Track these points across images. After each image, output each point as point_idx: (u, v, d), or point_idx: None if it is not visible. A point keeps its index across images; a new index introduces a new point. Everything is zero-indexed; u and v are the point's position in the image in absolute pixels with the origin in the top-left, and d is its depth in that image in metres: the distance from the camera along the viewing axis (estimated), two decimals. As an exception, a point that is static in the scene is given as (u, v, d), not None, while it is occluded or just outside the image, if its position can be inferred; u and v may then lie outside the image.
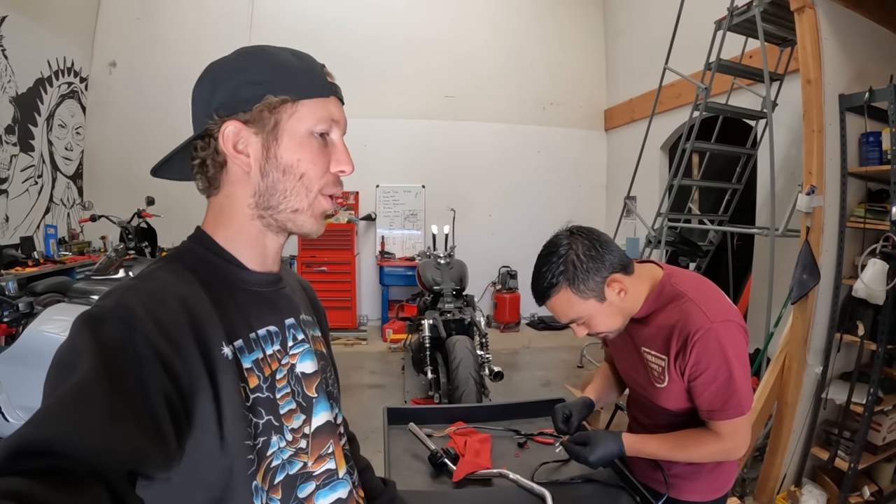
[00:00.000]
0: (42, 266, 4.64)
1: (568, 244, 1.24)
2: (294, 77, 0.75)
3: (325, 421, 0.82)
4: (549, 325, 6.95)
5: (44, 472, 0.44)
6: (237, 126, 0.73)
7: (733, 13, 3.44)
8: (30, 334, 2.12)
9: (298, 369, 0.81)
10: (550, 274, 1.23)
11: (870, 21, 2.83)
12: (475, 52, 6.99)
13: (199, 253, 0.77)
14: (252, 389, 0.71)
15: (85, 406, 0.50)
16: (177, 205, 5.53)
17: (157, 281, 0.69)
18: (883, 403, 2.68)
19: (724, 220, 4.53)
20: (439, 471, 1.46)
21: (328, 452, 0.82)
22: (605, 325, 1.28)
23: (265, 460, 0.70)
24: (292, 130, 0.74)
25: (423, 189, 6.92)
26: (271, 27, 6.32)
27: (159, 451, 0.55)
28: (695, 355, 1.18)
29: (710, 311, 1.20)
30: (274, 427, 0.72)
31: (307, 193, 0.76)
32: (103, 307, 0.62)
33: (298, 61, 0.77)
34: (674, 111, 5.39)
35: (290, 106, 0.74)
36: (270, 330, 0.78)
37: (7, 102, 4.77)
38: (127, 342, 0.58)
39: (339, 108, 0.79)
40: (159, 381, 0.58)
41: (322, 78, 0.77)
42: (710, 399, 1.21)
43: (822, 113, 2.69)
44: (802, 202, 2.71)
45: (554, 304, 1.26)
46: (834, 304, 2.82)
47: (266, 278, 0.81)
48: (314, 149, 0.76)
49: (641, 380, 1.37)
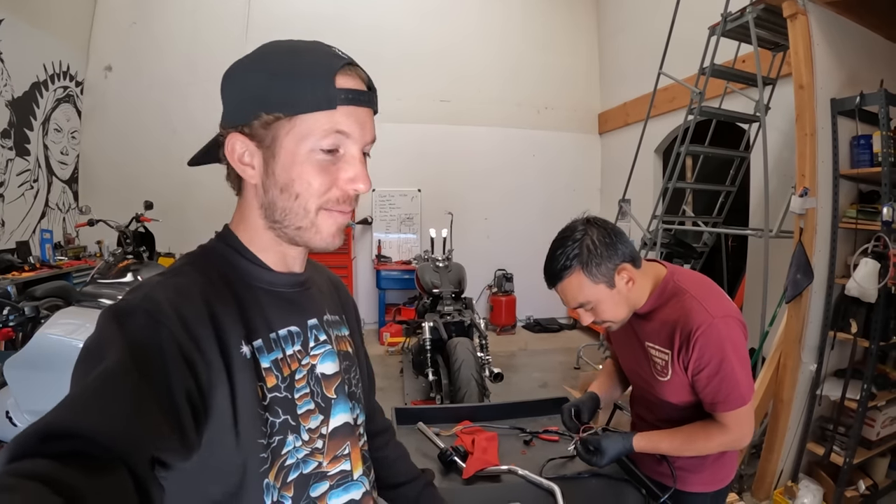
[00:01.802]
0: (38, 271, 4.62)
1: (584, 230, 1.28)
2: (295, 88, 0.68)
3: (343, 422, 0.82)
4: (546, 328, 6.99)
5: (69, 455, 0.45)
6: (240, 139, 0.71)
7: (727, 19, 3.50)
8: (39, 338, 2.12)
9: (319, 370, 0.81)
10: (565, 257, 1.27)
11: (860, 26, 2.89)
12: (470, 56, 7.03)
13: (225, 252, 0.77)
14: (270, 389, 0.72)
15: (111, 393, 0.52)
16: (175, 209, 5.56)
17: (183, 277, 0.70)
18: (876, 399, 2.74)
19: (718, 222, 4.58)
20: (449, 468, 1.48)
21: (344, 453, 0.82)
22: (611, 313, 1.32)
23: (279, 458, 0.71)
24: (290, 147, 0.70)
25: (418, 193, 6.96)
26: (266, 33, 6.18)
27: (180, 439, 0.57)
28: (697, 350, 1.23)
29: (711, 307, 1.25)
30: (290, 426, 0.73)
31: (305, 213, 0.72)
32: (130, 301, 0.63)
33: (307, 66, 0.69)
34: (668, 115, 5.44)
35: (288, 122, 0.69)
36: (292, 330, 0.78)
37: (3, 106, 4.74)
38: (152, 335, 0.60)
39: (353, 117, 0.71)
40: (181, 374, 0.59)
41: (326, 87, 0.68)
42: (713, 391, 1.25)
43: (814, 117, 2.74)
44: (796, 204, 2.76)
45: (565, 286, 1.29)
46: (827, 303, 2.87)
47: (289, 279, 0.81)
48: (313, 166, 0.71)
49: (645, 374, 1.41)
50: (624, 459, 1.47)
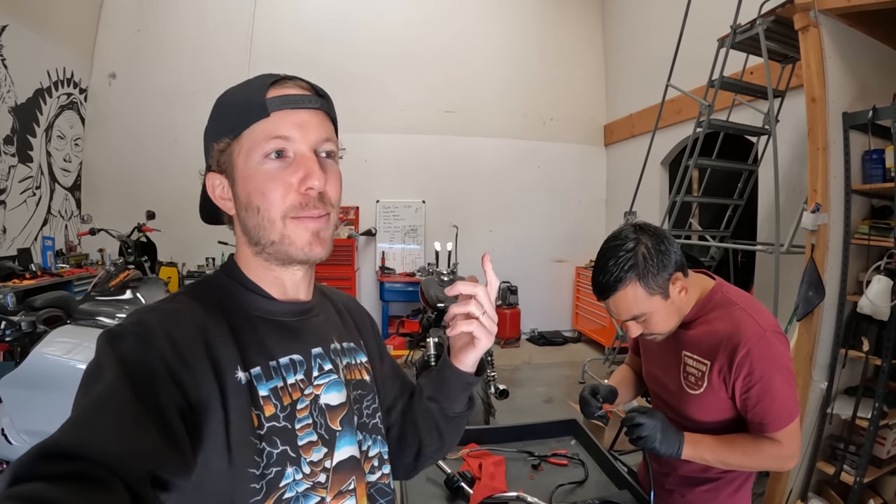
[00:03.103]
0: (39, 279, 4.59)
1: (636, 238, 1.22)
2: (231, 113, 0.74)
3: (348, 455, 0.79)
4: (550, 341, 6.94)
5: (66, 475, 0.45)
6: (213, 176, 0.77)
7: (736, 31, 3.47)
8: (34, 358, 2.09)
9: (323, 400, 0.78)
10: (618, 268, 1.20)
11: (872, 39, 2.86)
12: (475, 67, 7.03)
13: (223, 282, 0.79)
14: (268, 418, 0.70)
15: (107, 412, 0.54)
16: (177, 219, 5.53)
17: (177, 304, 0.72)
18: (888, 417, 2.69)
19: (726, 236, 4.54)
20: (456, 495, 1.44)
21: (349, 489, 0.78)
22: (663, 325, 1.27)
23: (277, 491, 0.68)
24: (241, 164, 0.73)
25: (423, 204, 6.92)
26: (271, 42, 6.35)
27: (177, 456, 0.57)
28: (748, 366, 1.18)
29: (762, 320, 1.21)
30: (290, 458, 0.70)
31: (272, 225, 0.73)
32: (123, 325, 0.65)
33: (240, 92, 0.74)
34: (674, 127, 5.42)
35: (236, 143, 0.73)
36: (294, 359, 0.77)
37: (6, 112, 4.74)
38: (142, 357, 0.61)
39: (290, 119, 0.72)
40: (171, 394, 0.60)
41: (256, 100, 0.72)
42: (763, 410, 1.20)
43: (826, 131, 2.70)
44: (807, 220, 2.72)
45: (619, 298, 1.23)
46: (839, 321, 2.82)
47: (290, 308, 0.80)
48: (263, 177, 0.72)
49: (673, 386, 1.36)
50: (637, 488, 1.41)
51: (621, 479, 1.48)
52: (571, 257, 7.21)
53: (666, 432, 1.22)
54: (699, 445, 1.23)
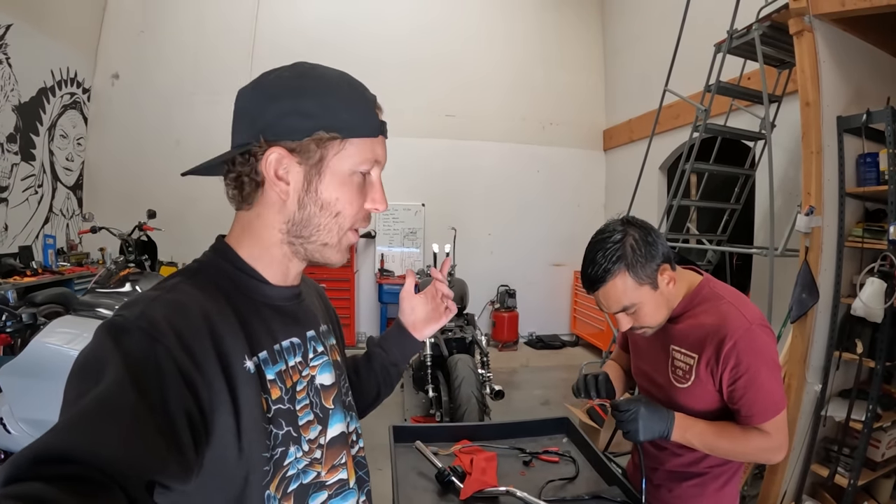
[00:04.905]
0: (40, 276, 4.62)
1: (623, 230, 1.24)
2: (347, 113, 0.73)
3: (339, 432, 0.84)
4: (548, 344, 6.96)
5: (63, 478, 0.45)
6: (282, 153, 0.72)
7: (733, 36, 3.49)
8: (35, 346, 2.10)
9: (318, 381, 0.82)
10: (607, 260, 1.22)
11: (866, 43, 2.89)
12: (475, 71, 7.05)
13: (223, 267, 0.77)
14: (274, 401, 0.72)
15: (109, 416, 0.52)
16: (177, 218, 5.56)
17: (181, 293, 0.69)
18: (881, 420, 2.70)
19: (722, 240, 4.55)
20: (446, 489, 1.44)
21: (341, 462, 0.83)
22: (652, 317, 1.28)
23: (281, 470, 0.71)
24: (336, 168, 0.74)
25: (422, 207, 6.94)
26: (271, 46, 6.36)
27: (179, 463, 0.56)
28: (734, 358, 1.20)
29: (748, 313, 1.23)
30: (292, 438, 0.74)
31: (339, 230, 0.77)
32: (127, 317, 0.62)
33: (354, 95, 0.76)
34: (672, 132, 5.44)
35: (339, 143, 0.73)
36: (294, 342, 0.80)
37: (9, 111, 4.77)
38: (150, 355, 0.59)
39: (384, 147, 0.79)
40: (180, 395, 0.59)
41: (373, 116, 0.76)
42: (750, 402, 1.22)
43: (820, 135, 2.73)
44: (801, 223, 2.74)
45: (609, 289, 1.24)
46: (833, 323, 2.84)
47: (288, 292, 0.82)
48: (353, 188, 0.76)
49: (661, 380, 1.37)
50: (627, 485, 1.43)
51: (612, 476, 1.49)
52: (570, 261, 7.21)
53: (651, 411, 1.24)
54: (690, 430, 1.25)
